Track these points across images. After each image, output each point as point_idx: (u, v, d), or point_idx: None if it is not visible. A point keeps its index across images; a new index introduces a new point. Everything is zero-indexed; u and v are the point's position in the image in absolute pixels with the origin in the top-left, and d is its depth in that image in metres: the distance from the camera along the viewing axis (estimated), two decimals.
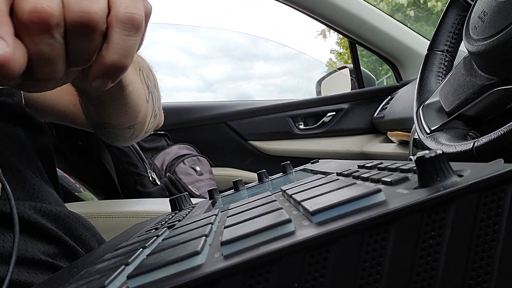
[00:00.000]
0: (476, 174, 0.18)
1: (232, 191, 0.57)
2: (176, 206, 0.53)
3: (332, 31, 1.47)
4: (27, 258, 0.38)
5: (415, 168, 0.23)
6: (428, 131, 0.56)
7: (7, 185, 0.34)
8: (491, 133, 0.41)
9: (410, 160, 0.27)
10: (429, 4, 6.22)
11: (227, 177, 1.50)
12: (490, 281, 0.18)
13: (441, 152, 0.19)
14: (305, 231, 0.18)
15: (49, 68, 0.26)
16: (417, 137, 0.61)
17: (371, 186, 0.21)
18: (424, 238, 0.17)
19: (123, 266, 0.21)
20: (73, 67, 0.28)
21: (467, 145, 0.45)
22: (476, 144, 0.43)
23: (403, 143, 1.17)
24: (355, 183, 0.24)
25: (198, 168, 1.45)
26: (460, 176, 0.19)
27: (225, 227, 0.23)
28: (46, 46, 0.25)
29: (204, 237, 0.21)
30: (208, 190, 0.55)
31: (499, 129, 0.41)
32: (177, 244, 0.22)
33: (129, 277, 0.18)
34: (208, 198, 0.57)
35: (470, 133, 0.55)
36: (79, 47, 0.27)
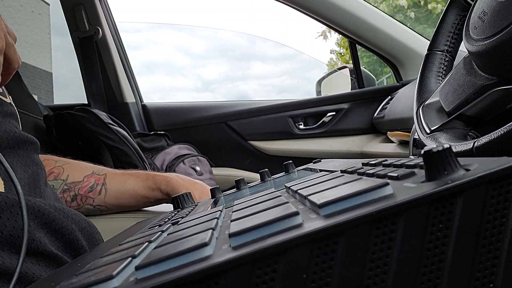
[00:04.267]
0: (484, 168, 0.18)
1: (234, 190, 0.57)
2: (178, 204, 0.53)
3: (332, 32, 1.47)
4: (38, 250, 0.39)
5: (421, 163, 0.23)
6: (428, 131, 0.56)
7: (14, 175, 0.34)
8: (491, 133, 0.42)
9: (411, 159, 0.27)
10: (429, 6, 6.24)
11: (227, 177, 1.50)
12: (498, 274, 0.18)
13: (448, 146, 0.19)
14: (313, 223, 0.18)
15: None
16: (417, 137, 0.61)
17: (378, 180, 0.21)
18: (432, 230, 0.18)
19: (130, 258, 0.21)
20: None
21: (467, 145, 0.45)
22: (476, 144, 0.44)
23: (403, 143, 1.18)
24: (361, 179, 0.24)
25: (198, 168, 1.45)
26: (467, 170, 0.19)
27: (231, 221, 0.23)
28: None
29: (211, 230, 0.21)
30: (210, 189, 0.55)
31: (499, 129, 0.41)
32: (184, 237, 0.22)
33: (138, 268, 0.18)
34: (210, 197, 0.57)
35: (470, 133, 0.55)
36: None
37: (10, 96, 0.51)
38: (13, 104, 0.51)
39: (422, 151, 0.19)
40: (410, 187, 0.19)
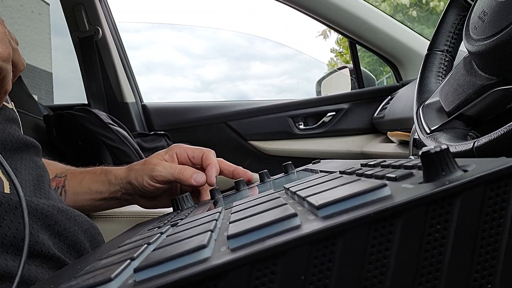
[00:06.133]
0: (481, 169, 0.18)
1: (233, 191, 0.57)
2: (178, 205, 0.53)
3: (332, 31, 1.47)
4: (42, 252, 0.39)
5: (419, 164, 0.23)
6: (428, 131, 0.56)
7: (14, 176, 0.34)
8: (491, 133, 0.42)
9: (411, 159, 0.27)
10: (431, 4, 6.24)
11: (227, 178, 1.50)
12: (496, 274, 0.18)
13: (446, 147, 0.19)
14: (311, 225, 0.18)
15: None
16: (417, 137, 0.61)
17: (376, 181, 0.21)
18: (430, 231, 0.18)
19: (128, 261, 0.21)
20: None
21: (467, 145, 0.45)
22: (476, 144, 0.44)
23: (403, 143, 1.18)
24: (359, 180, 0.24)
25: None
26: (465, 170, 0.19)
27: (230, 223, 0.23)
28: None
29: (209, 232, 0.21)
30: (210, 190, 0.55)
31: (499, 129, 0.41)
32: (183, 239, 0.22)
33: (136, 270, 0.18)
34: (209, 198, 0.57)
35: (470, 133, 0.55)
36: None
37: (12, 102, 0.51)
38: (15, 110, 0.51)
39: (420, 152, 0.19)
40: (408, 188, 0.19)
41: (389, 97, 1.39)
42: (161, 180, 0.57)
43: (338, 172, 0.33)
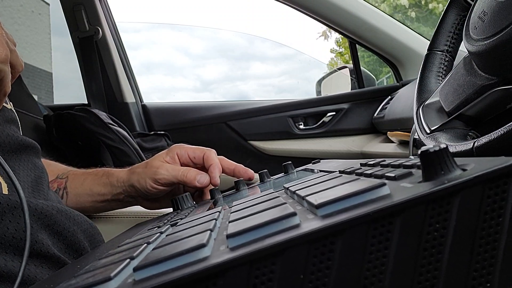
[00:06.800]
0: (480, 168, 0.18)
1: (233, 190, 0.57)
2: (177, 205, 0.53)
3: (333, 32, 1.47)
4: (41, 252, 0.39)
5: (418, 163, 0.23)
6: (428, 131, 0.56)
7: (15, 178, 0.34)
8: (491, 133, 0.42)
9: (410, 159, 0.27)
10: (430, 6, 6.25)
11: (227, 178, 1.50)
12: (495, 273, 0.18)
13: (445, 146, 0.19)
14: (310, 224, 0.18)
15: None
16: (417, 137, 0.61)
17: (375, 181, 0.21)
18: (429, 230, 0.18)
19: (128, 260, 0.21)
20: None
21: (467, 145, 0.45)
22: (476, 144, 0.44)
23: (403, 143, 1.18)
24: (358, 179, 0.24)
25: None
26: (464, 170, 0.19)
27: (229, 222, 0.23)
28: None
29: (209, 231, 0.21)
30: (210, 190, 0.56)
31: (499, 129, 0.41)
32: (182, 239, 0.22)
33: (135, 269, 0.18)
34: (209, 198, 0.57)
35: (470, 133, 0.55)
36: None
37: (11, 102, 0.51)
38: (14, 110, 0.51)
39: (419, 151, 0.19)
40: (407, 187, 0.19)
41: (389, 97, 1.39)
42: (164, 183, 0.57)
43: (338, 172, 0.33)
